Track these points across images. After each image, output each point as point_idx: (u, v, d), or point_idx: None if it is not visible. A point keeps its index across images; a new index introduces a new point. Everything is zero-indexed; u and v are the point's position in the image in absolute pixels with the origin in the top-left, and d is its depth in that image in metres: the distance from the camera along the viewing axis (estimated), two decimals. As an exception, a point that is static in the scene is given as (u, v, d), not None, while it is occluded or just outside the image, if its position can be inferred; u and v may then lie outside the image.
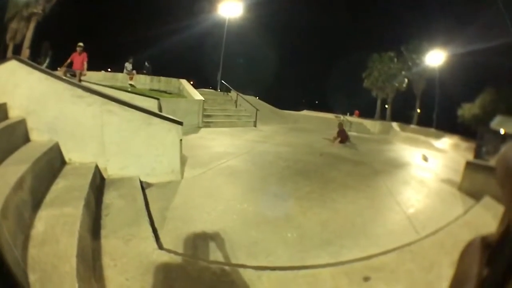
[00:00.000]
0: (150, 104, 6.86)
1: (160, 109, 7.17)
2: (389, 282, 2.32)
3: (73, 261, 1.86)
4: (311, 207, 3.74)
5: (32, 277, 1.70)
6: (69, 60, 9.14)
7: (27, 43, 25.33)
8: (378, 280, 2.31)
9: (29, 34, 25.97)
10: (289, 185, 4.51)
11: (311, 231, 3.11)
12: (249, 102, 14.16)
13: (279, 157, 6.38)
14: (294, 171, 5.34)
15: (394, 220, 3.67)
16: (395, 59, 35.09)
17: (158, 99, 7.66)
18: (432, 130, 20.46)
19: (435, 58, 30.73)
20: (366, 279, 2.31)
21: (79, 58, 9.18)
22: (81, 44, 9.28)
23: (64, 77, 4.32)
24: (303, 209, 3.66)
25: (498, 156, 0.40)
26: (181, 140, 4.33)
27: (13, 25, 26.81)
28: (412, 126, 23.50)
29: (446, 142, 14.42)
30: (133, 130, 4.00)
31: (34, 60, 12.87)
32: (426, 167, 7.37)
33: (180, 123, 4.22)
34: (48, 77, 3.88)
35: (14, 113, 3.63)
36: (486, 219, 3.44)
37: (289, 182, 4.68)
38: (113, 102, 3.92)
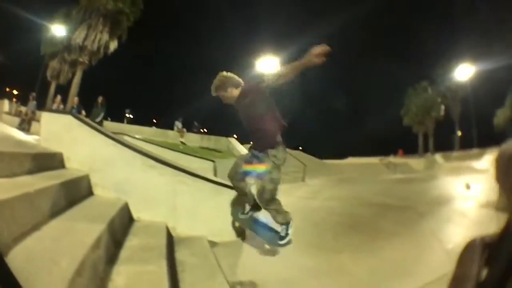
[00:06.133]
0: (206, 165, 7.62)
1: (215, 170, 7.84)
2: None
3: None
4: (361, 258, 4.22)
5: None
6: None
7: (74, 90, 26.01)
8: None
9: (76, 81, 26.57)
10: (342, 240, 4.98)
11: (361, 278, 3.65)
12: (296, 158, 14.85)
13: (331, 212, 6.81)
14: (346, 226, 5.75)
15: (434, 257, 4.08)
16: (429, 88, 34.48)
17: (213, 161, 8.33)
18: (475, 150, 19.55)
19: (464, 73, 29.66)
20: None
21: None
22: None
23: (134, 146, 4.47)
24: (354, 259, 4.16)
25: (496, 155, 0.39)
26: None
27: (54, 64, 28.01)
28: (455, 153, 22.59)
29: (487, 159, 13.90)
30: (203, 198, 4.38)
31: (89, 111, 13.50)
32: (469, 195, 7.50)
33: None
34: (116, 143, 4.12)
35: (72, 165, 3.86)
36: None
37: (342, 236, 5.14)
38: (185, 174, 4.28)
